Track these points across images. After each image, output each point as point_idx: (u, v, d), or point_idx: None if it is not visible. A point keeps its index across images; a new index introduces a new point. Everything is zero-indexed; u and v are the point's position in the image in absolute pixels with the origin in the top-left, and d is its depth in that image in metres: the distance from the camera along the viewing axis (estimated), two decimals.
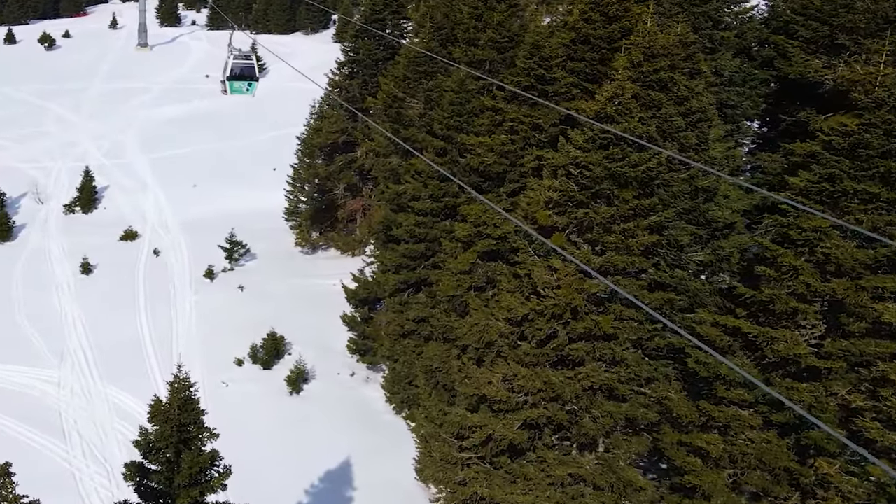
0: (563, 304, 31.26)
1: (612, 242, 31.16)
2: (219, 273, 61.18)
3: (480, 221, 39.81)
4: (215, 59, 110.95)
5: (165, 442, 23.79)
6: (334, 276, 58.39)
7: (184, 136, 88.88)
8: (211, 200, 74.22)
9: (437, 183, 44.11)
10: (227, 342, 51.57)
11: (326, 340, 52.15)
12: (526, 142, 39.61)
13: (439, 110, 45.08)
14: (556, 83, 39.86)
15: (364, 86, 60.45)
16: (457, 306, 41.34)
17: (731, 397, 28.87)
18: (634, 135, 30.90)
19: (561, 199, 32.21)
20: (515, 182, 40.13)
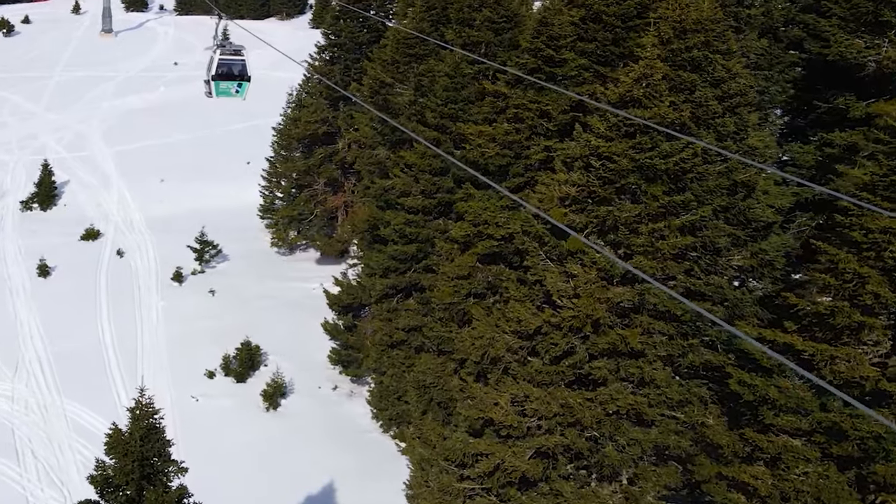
0: (582, 316, 27.78)
1: (639, 245, 27.92)
2: (188, 276, 59.27)
3: (480, 220, 36.99)
4: (184, 46, 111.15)
5: (126, 478, 21.12)
6: (314, 279, 57.52)
7: (150, 128, 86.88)
8: (179, 197, 72.19)
9: (430, 177, 41.56)
10: (197, 352, 49.85)
11: (306, 350, 50.31)
12: (532, 131, 36.56)
13: (432, 97, 42.23)
14: (566, 65, 36.67)
15: (346, 71, 58.19)
16: (454, 315, 38.61)
17: (780, 424, 25.56)
18: (665, 122, 27.36)
19: (579, 195, 28.93)
20: (520, 176, 37.14)
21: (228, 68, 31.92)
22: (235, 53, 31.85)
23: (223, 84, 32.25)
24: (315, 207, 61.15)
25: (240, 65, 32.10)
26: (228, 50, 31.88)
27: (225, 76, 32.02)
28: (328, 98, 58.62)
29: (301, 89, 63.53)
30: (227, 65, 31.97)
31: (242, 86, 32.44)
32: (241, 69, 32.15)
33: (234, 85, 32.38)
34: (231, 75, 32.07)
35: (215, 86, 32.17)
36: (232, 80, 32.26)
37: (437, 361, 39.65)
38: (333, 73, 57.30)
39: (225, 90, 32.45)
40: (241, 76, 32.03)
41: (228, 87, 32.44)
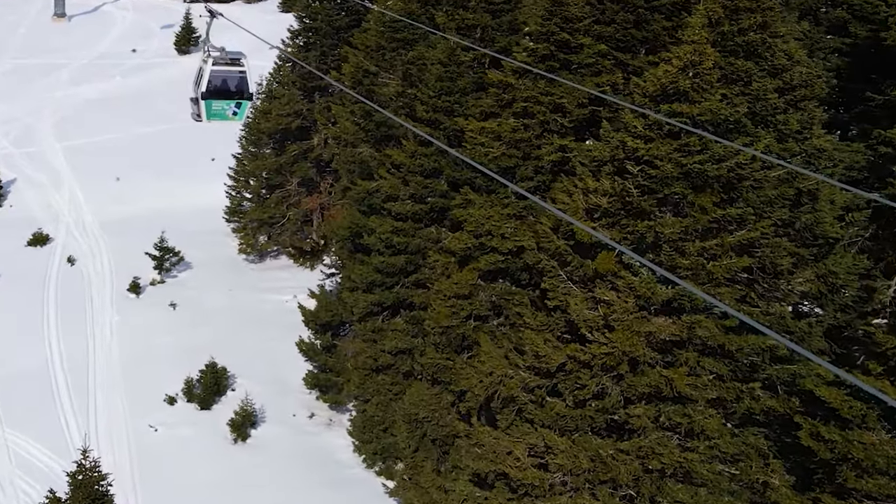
0: (618, 354, 23.83)
1: (685, 267, 23.72)
2: (146, 286, 56.21)
3: (483, 231, 33.90)
4: (143, 31, 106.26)
5: None
6: (287, 291, 55.32)
7: (105, 120, 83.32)
8: (137, 197, 68.86)
9: (421, 179, 38.59)
10: (155, 374, 47.29)
11: (279, 373, 47.94)
12: (544, 127, 33.44)
13: (423, 88, 39.27)
14: (582, 52, 33.37)
15: (323, 59, 55.10)
16: (451, 339, 35.40)
17: (866, 489, 21.35)
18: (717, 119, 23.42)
19: (612, 206, 24.63)
20: (529, 180, 33.82)
21: (223, 83, 26.47)
22: (232, 63, 26.51)
23: (216, 104, 26.71)
24: (288, 210, 58.93)
25: (238, 78, 26.67)
26: (223, 58, 26.53)
27: (219, 93, 26.53)
28: (302, 88, 56.34)
29: (272, 79, 60.64)
30: (221, 78, 26.50)
31: (242, 106, 27.12)
32: (239, 83, 26.71)
33: (230, 105, 26.87)
34: (227, 92, 26.59)
35: (206, 106, 26.63)
36: (228, 97, 26.78)
37: (432, 392, 36.72)
38: (308, 61, 54.44)
39: (219, 112, 26.87)
40: (239, 93, 26.66)
41: (223, 107, 26.79)
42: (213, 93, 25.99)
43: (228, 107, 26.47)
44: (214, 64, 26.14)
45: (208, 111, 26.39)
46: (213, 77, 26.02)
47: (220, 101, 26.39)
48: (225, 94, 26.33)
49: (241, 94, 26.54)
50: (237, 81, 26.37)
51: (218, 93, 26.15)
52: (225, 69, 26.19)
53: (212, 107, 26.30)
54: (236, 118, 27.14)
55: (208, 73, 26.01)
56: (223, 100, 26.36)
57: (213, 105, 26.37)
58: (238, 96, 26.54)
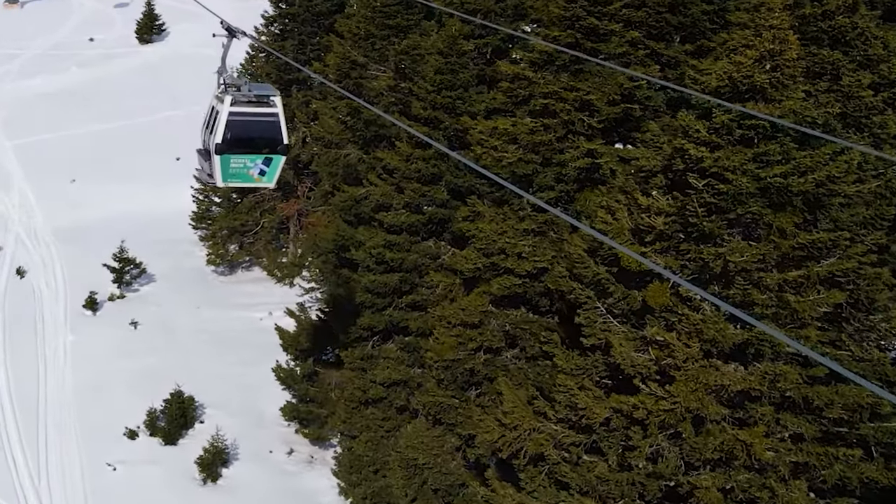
0: (680, 410, 20.06)
1: (763, 302, 19.95)
2: (104, 302, 54.39)
3: (495, 248, 31.05)
4: (102, 20, 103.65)
5: None
6: (261, 307, 53.81)
7: (60, 116, 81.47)
8: (94, 201, 66.78)
9: (418, 186, 36.55)
10: (114, 403, 45.36)
11: (253, 402, 46.23)
12: (568, 128, 30.33)
13: (420, 81, 37.08)
14: (611, 40, 30.17)
15: (301, 48, 53.81)
16: (457, 375, 32.84)
17: None
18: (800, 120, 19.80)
19: (669, 227, 20.85)
20: (550, 189, 30.82)
21: (247, 130, 20.48)
22: (259, 103, 20.52)
23: (237, 160, 20.57)
24: (261, 217, 57.58)
25: (267, 124, 20.63)
26: (247, 96, 20.51)
27: (240, 144, 20.45)
28: (278, 81, 53.12)
29: (243, 71, 57.93)
30: (243, 124, 20.45)
31: (273, 163, 20.94)
32: (269, 131, 20.61)
33: (256, 162, 20.65)
34: (251, 143, 20.52)
35: (222, 164, 20.51)
36: (253, 151, 20.61)
37: (432, 434, 34.44)
38: (284, 51, 53.24)
39: (239, 172, 20.64)
40: (269, 145, 20.63)
41: (246, 165, 20.54)
42: (233, 144, 20.27)
43: (254, 164, 20.59)
44: (234, 104, 20.26)
45: (225, 170, 20.51)
46: (232, 122, 20.24)
47: (243, 155, 20.49)
48: (249, 145, 20.48)
49: (271, 146, 20.63)
50: (267, 129, 20.60)
51: (239, 144, 20.39)
52: (249, 111, 20.45)
53: (230, 164, 20.45)
54: (264, 181, 21.03)
55: (225, 117, 20.17)
56: (246, 154, 20.55)
57: (233, 162, 20.44)
58: (268, 149, 20.66)
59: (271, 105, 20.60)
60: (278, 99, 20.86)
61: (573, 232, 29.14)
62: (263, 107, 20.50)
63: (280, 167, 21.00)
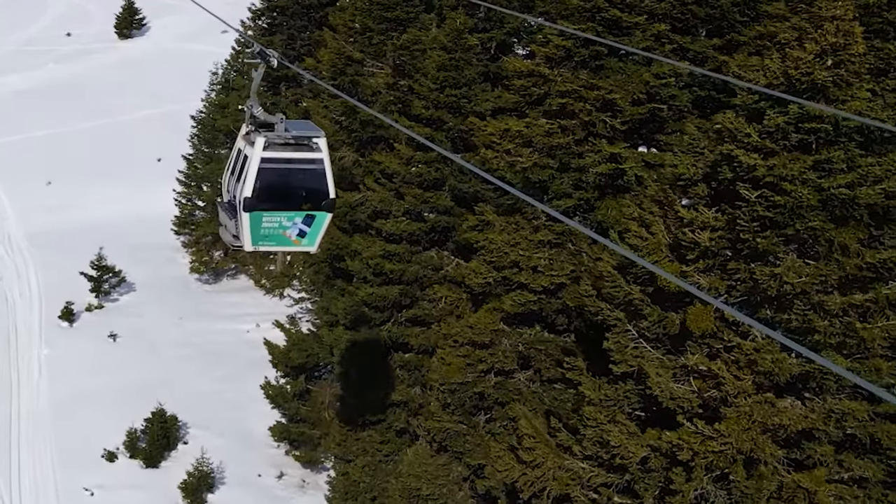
0: (732, 452, 18.06)
1: (826, 329, 18.01)
2: (81, 313, 53.95)
3: (507, 262, 29.84)
4: (80, 13, 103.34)
5: None
6: (248, 318, 53.28)
7: (35, 114, 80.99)
8: (71, 204, 66.22)
9: (419, 192, 35.86)
10: (92, 422, 44.54)
11: (240, 421, 45.57)
12: (589, 130, 28.89)
13: (422, 79, 36.31)
14: (635, 33, 28.73)
15: (290, 43, 53.49)
16: (465, 398, 31.83)
17: None
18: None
19: (715, 244, 19.52)
20: (567, 197, 29.46)
21: (282, 181, 17.57)
22: (299, 146, 17.40)
23: (270, 218, 17.49)
24: None
25: (309, 172, 17.63)
26: (283, 137, 17.36)
27: (275, 199, 17.45)
28: (266, 79, 49.42)
29: (229, 67, 58.97)
30: (280, 173, 17.49)
31: (316, 222, 17.78)
32: (311, 181, 17.69)
33: (294, 221, 17.63)
34: (288, 197, 17.60)
35: (252, 222, 17.39)
36: (290, 207, 17.62)
37: (437, 461, 33.60)
38: (273, 46, 47.61)
39: (273, 233, 17.60)
40: (311, 199, 17.62)
41: (282, 224, 17.53)
42: (266, 198, 17.27)
43: (291, 223, 17.49)
44: (268, 147, 17.21)
45: (255, 231, 17.43)
46: (265, 171, 17.19)
47: (278, 212, 17.47)
48: (286, 200, 17.54)
49: (314, 200, 17.63)
50: (308, 179, 17.66)
51: (274, 198, 17.42)
52: (286, 157, 17.39)
53: (262, 223, 17.38)
54: (304, 244, 17.99)
55: (257, 165, 17.13)
56: (282, 210, 17.49)
57: (266, 220, 17.39)
58: (310, 205, 17.60)
59: (314, 148, 17.32)
60: (323, 141, 17.53)
61: (593, 243, 27.65)
62: (304, 151, 17.32)
63: (325, 227, 17.74)
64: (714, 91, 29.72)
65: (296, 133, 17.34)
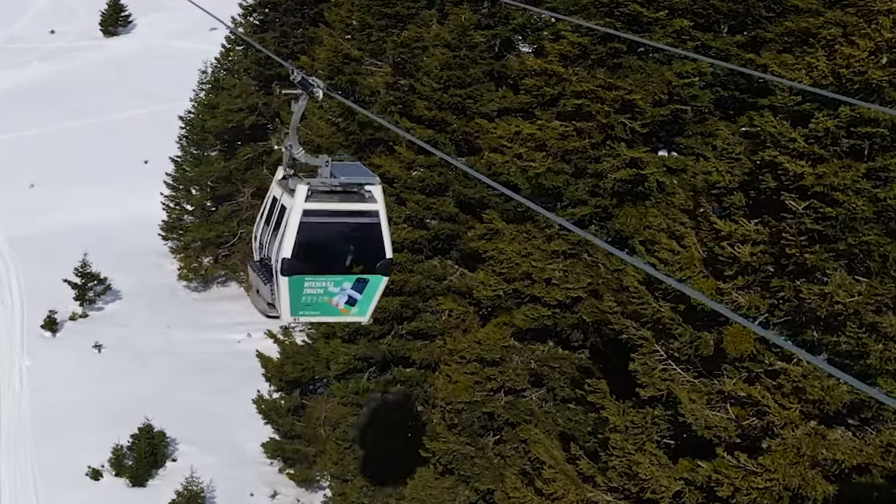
0: (778, 489, 16.67)
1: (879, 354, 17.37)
2: (65, 322, 53.27)
3: (518, 273, 28.72)
4: (64, 10, 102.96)
5: None
6: (239, 328, 52.49)
7: (17, 114, 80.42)
8: (55, 207, 65.25)
9: (422, 198, 35.28)
10: (75, 438, 44.03)
11: (232, 437, 45.18)
12: (606, 133, 27.82)
13: (424, 78, 35.70)
14: (655, 29, 27.55)
15: (283, 40, 52.69)
16: (474, 420, 30.92)
17: None
18: None
19: (757, 258, 19.05)
20: (583, 204, 28.41)
21: (329, 238, 15.25)
22: (348, 194, 15.00)
23: (314, 283, 15.04)
24: (239, 227, 56.32)
25: (363, 228, 15.26)
26: (329, 184, 14.94)
27: (319, 260, 15.10)
28: (258, 77, 53.79)
29: (219, 65, 58.35)
30: (326, 229, 15.09)
31: (369, 287, 15.33)
32: (366, 240, 15.33)
33: (343, 287, 15.23)
34: (336, 258, 15.29)
35: (291, 288, 14.89)
36: (338, 270, 15.25)
37: (442, 484, 32.49)
38: (265, 43, 51.97)
39: (317, 301, 15.15)
40: (364, 260, 15.30)
41: (327, 290, 15.11)
42: (309, 259, 14.86)
43: (339, 289, 15.08)
44: (311, 198, 14.68)
45: (295, 299, 14.92)
46: (308, 226, 14.70)
47: (323, 276, 15.01)
48: (333, 262, 15.22)
49: (367, 261, 15.27)
50: (361, 235, 15.29)
51: (319, 260, 15.03)
52: (334, 209, 14.94)
53: (303, 289, 14.91)
54: (354, 313, 15.50)
55: (298, 219, 14.60)
56: (329, 274, 15.06)
57: (308, 286, 14.92)
58: (362, 266, 15.26)
59: (366, 198, 14.88)
60: (377, 189, 14.99)
61: (609, 254, 26.40)
62: (355, 201, 14.86)
63: (379, 294, 15.27)
64: (737, 91, 28.71)
65: (344, 179, 14.83)
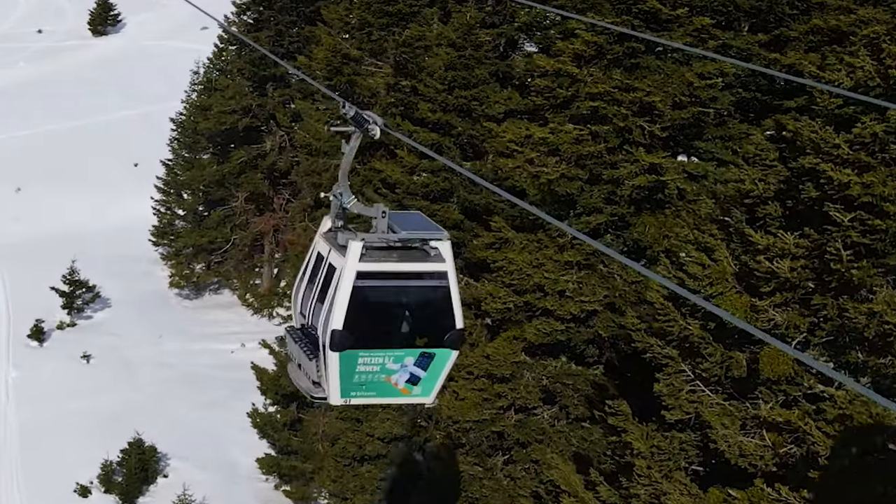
0: None
1: None
2: (52, 332, 53.08)
3: (528, 285, 27.67)
4: (52, 9, 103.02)
5: None
6: (233, 338, 52.36)
7: (4, 116, 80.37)
8: (42, 212, 65.56)
9: (425, 203, 33.88)
10: (63, 452, 43.35)
11: (225, 452, 44.64)
12: (624, 137, 26.85)
13: (427, 79, 34.65)
14: (675, 27, 26.58)
15: (278, 39, 52.23)
16: (482, 439, 30.09)
17: None
18: None
19: (797, 274, 17.84)
20: (598, 212, 27.35)
21: (388, 305, 13.02)
22: (409, 252, 12.72)
23: (369, 360, 12.64)
24: (232, 233, 56.43)
25: (428, 292, 12.97)
26: (386, 239, 12.62)
27: (375, 331, 12.77)
28: (252, 78, 53.38)
29: (211, 66, 58.11)
30: (384, 294, 12.87)
31: (434, 363, 12.88)
32: (431, 307, 12.97)
33: (404, 363, 12.86)
34: (395, 329, 12.92)
35: (342, 366, 12.36)
36: (398, 343, 12.85)
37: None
38: (260, 42, 51.32)
39: (372, 380, 12.74)
40: (430, 331, 12.83)
41: (384, 368, 12.76)
42: (364, 330, 12.43)
43: (399, 366, 12.69)
44: (367, 256, 12.43)
45: (346, 377, 12.52)
46: (363, 292, 12.51)
47: (380, 351, 12.61)
48: (392, 332, 12.82)
49: (433, 333, 12.74)
50: (425, 301, 12.93)
51: (375, 330, 12.68)
52: (393, 270, 12.68)
53: (357, 366, 12.49)
54: (417, 394, 13.13)
55: (350, 282, 12.43)
56: (387, 348, 12.66)
57: (363, 362, 12.51)
58: (427, 338, 12.73)
59: (432, 256, 12.58)
60: (446, 246, 12.66)
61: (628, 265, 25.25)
62: (418, 260, 12.61)
63: (447, 370, 12.82)
64: (759, 92, 27.72)
65: (406, 234, 12.53)
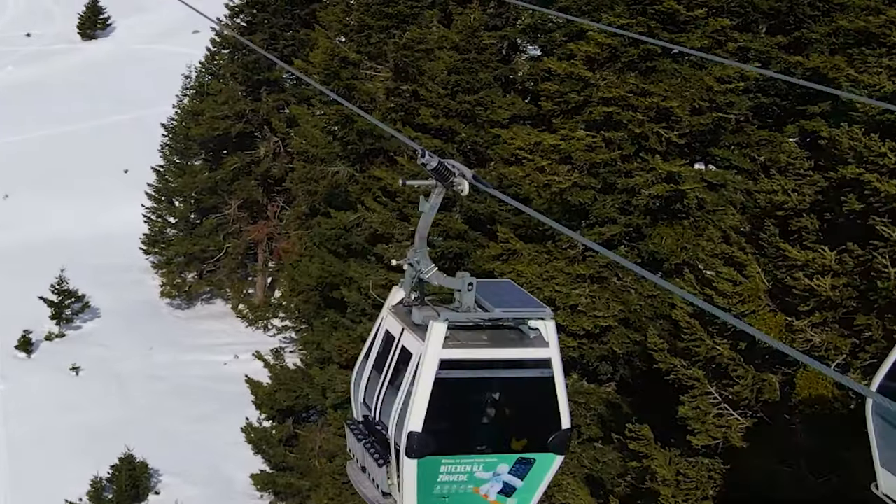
0: None
1: None
2: (40, 342, 53.09)
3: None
4: (40, 12, 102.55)
5: None
6: (225, 349, 52.27)
7: None
8: (30, 219, 65.51)
9: None
10: (52, 468, 43.46)
11: (218, 467, 44.56)
12: (639, 144, 26.09)
13: (429, 83, 34.10)
14: (693, 29, 25.86)
15: (273, 42, 51.90)
16: None
17: None
18: None
19: (839, 292, 16.95)
20: (611, 223, 26.60)
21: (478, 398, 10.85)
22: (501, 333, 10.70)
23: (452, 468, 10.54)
24: (225, 241, 55.97)
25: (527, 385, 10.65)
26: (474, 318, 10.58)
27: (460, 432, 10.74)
28: (245, 82, 52.85)
29: (203, 70, 57.83)
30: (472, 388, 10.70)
31: (534, 473, 10.66)
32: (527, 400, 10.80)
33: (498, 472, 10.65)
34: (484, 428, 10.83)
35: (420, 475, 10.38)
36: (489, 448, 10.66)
37: None
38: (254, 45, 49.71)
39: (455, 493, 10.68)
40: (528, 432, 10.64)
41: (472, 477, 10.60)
42: (447, 430, 10.53)
43: (490, 474, 10.69)
44: (449, 340, 10.38)
45: (426, 488, 10.59)
46: (447, 383, 10.39)
47: (467, 457, 10.65)
48: (481, 434, 10.88)
49: (533, 433, 10.71)
50: (523, 395, 10.90)
51: (460, 431, 10.83)
52: (483, 356, 10.61)
53: (439, 474, 10.57)
54: None
55: (432, 373, 10.36)
56: (475, 454, 10.68)
57: (445, 469, 10.59)
58: (526, 441, 10.73)
59: (531, 339, 10.55)
60: (550, 326, 10.59)
61: (642, 279, 24.52)
62: (516, 345, 10.57)
63: (549, 479, 10.88)
64: (778, 97, 26.81)
65: (500, 312, 10.60)
